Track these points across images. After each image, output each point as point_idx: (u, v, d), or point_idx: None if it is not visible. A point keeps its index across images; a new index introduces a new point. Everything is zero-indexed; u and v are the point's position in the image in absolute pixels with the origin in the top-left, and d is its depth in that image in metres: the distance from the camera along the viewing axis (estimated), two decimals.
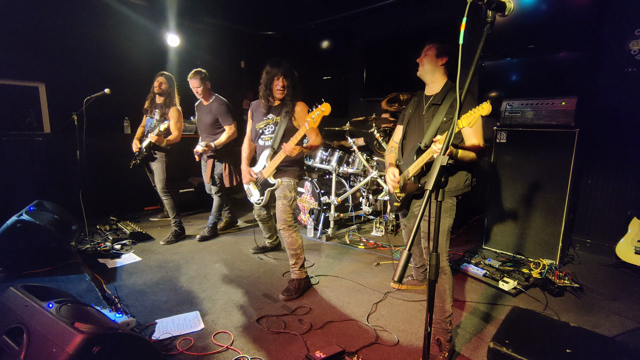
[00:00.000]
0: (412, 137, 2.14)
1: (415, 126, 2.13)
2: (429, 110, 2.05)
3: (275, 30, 6.36)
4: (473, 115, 1.59)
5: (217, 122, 3.59)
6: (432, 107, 2.04)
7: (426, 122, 2.04)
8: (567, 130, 3.06)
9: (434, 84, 2.08)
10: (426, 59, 2.04)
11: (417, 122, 2.13)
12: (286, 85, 2.56)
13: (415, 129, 2.13)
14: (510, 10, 1.26)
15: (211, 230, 3.91)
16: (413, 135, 2.14)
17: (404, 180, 2.07)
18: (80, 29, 4.36)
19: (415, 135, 2.12)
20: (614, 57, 3.32)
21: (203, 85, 3.50)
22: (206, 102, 3.62)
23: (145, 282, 2.84)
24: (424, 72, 2.07)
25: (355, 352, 1.99)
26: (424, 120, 2.07)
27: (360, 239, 3.90)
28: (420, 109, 2.13)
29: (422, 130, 2.06)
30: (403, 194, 2.14)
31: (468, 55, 1.04)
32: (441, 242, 1.99)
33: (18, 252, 2.68)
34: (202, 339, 2.10)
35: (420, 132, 2.06)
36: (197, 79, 3.46)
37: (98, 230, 3.97)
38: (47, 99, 4.34)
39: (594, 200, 3.52)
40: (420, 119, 2.10)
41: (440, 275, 1.96)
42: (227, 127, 3.55)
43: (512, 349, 1.37)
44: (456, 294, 2.68)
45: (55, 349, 1.33)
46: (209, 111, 3.57)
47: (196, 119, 3.81)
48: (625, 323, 2.35)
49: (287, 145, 2.44)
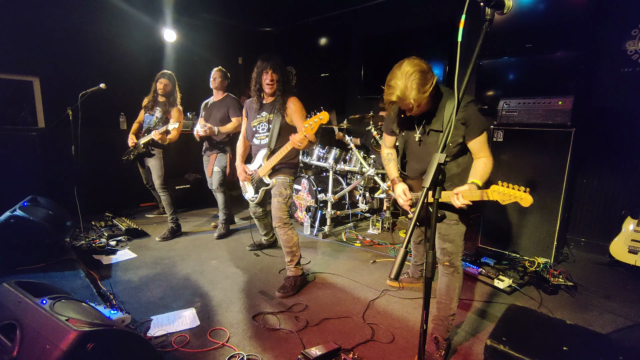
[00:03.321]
0: (415, 157, 1.96)
1: (417, 148, 1.92)
2: (431, 135, 1.83)
3: (273, 27, 6.33)
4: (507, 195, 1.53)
5: (226, 117, 3.65)
6: (431, 132, 1.82)
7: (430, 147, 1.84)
8: (563, 129, 3.07)
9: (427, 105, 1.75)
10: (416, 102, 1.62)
11: (416, 146, 1.91)
12: (275, 79, 2.53)
13: (418, 151, 1.93)
14: (509, 9, 1.25)
15: (226, 227, 3.89)
16: (416, 155, 1.95)
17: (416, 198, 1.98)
18: (75, 22, 4.31)
19: (418, 156, 1.93)
20: (610, 57, 3.34)
21: (221, 80, 3.66)
22: (217, 98, 3.72)
23: (140, 278, 2.83)
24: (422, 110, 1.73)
25: (351, 349, 1.99)
26: (426, 144, 1.86)
27: (356, 236, 3.91)
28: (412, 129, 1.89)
29: (427, 152, 1.85)
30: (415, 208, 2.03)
31: (466, 53, 1.04)
32: (459, 243, 1.92)
33: (11, 248, 2.66)
34: (198, 335, 2.10)
35: (426, 154, 1.86)
36: (220, 73, 3.67)
37: (93, 226, 3.94)
38: (42, 94, 4.29)
39: (589, 200, 3.55)
40: (424, 142, 1.87)
41: (453, 273, 1.95)
42: (235, 119, 3.61)
43: (510, 346, 1.38)
44: None
45: (48, 346, 1.32)
46: (222, 106, 3.66)
47: (203, 117, 3.75)
48: (619, 321, 2.37)
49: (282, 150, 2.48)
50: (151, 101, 3.74)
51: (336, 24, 5.75)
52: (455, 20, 1.09)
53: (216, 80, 3.64)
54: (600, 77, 3.42)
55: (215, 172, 3.72)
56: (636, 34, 3.19)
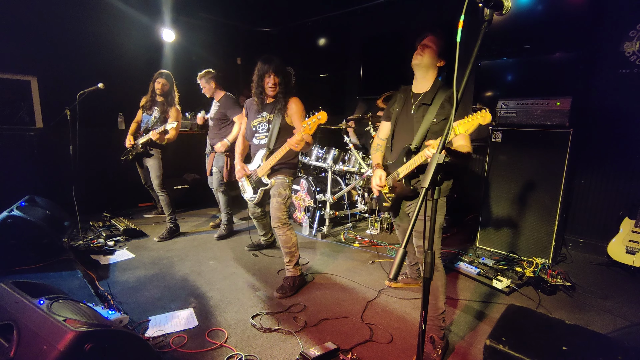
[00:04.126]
0: (401, 136, 2.08)
1: (404, 125, 2.06)
2: (419, 110, 1.99)
3: (272, 27, 6.32)
4: (471, 123, 1.56)
5: (224, 117, 3.64)
6: (421, 106, 1.98)
7: (416, 122, 1.98)
8: (561, 130, 3.08)
9: (424, 80, 2.01)
10: (428, 51, 1.94)
11: (405, 122, 2.06)
12: (277, 83, 2.54)
13: (404, 128, 2.06)
14: (507, 9, 1.25)
15: (227, 228, 3.86)
16: (402, 134, 2.07)
17: (393, 181, 2.05)
18: (73, 22, 4.30)
19: (404, 134, 2.06)
20: (608, 58, 3.35)
21: (208, 85, 3.61)
22: (216, 99, 3.70)
23: (138, 278, 2.82)
24: (421, 63, 1.96)
25: (350, 349, 1.99)
26: (413, 120, 2.00)
27: (355, 237, 3.91)
28: (408, 107, 2.06)
29: (411, 130, 2.00)
30: (392, 194, 2.11)
31: (465, 54, 1.04)
32: (436, 240, 1.99)
33: (9, 248, 2.64)
34: (196, 336, 2.09)
35: (410, 132, 2.01)
36: (202, 79, 3.62)
37: (91, 226, 3.92)
38: (40, 93, 4.27)
39: (587, 200, 3.56)
40: (409, 118, 2.03)
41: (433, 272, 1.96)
42: (236, 118, 3.57)
43: (509, 346, 1.38)
44: (450, 292, 2.69)
45: (46, 346, 1.31)
46: (219, 106, 3.66)
47: (208, 115, 3.87)
48: (616, 321, 2.38)
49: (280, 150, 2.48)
50: (149, 101, 3.73)
51: (335, 25, 5.75)
52: (454, 20, 1.09)
53: (205, 88, 3.64)
54: (598, 78, 3.43)
55: (215, 172, 3.72)
56: (634, 35, 3.20)
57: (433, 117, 1.91)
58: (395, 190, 2.07)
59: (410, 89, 2.09)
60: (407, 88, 2.11)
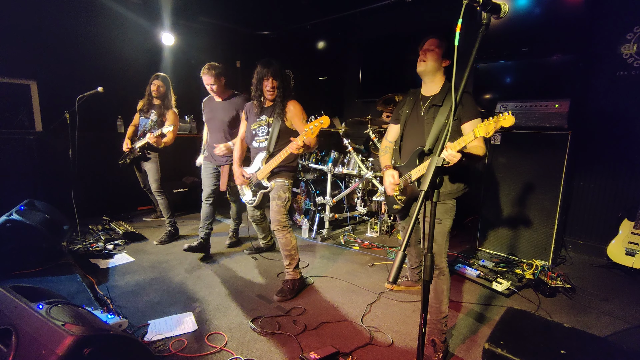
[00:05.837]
0: (411, 138, 2.08)
1: (414, 127, 2.06)
2: (429, 111, 1.98)
3: (271, 30, 6.34)
4: (493, 125, 1.54)
5: (238, 118, 3.14)
6: (432, 108, 1.97)
7: (426, 123, 1.97)
8: (560, 132, 3.09)
9: (433, 83, 2.02)
10: (431, 55, 1.94)
11: (416, 124, 2.05)
12: (276, 86, 2.55)
13: (414, 130, 2.05)
14: (505, 13, 1.26)
15: (236, 235, 3.80)
16: (412, 136, 2.07)
17: (404, 183, 2.03)
18: (73, 26, 4.31)
19: (414, 136, 2.05)
20: (606, 60, 3.37)
21: (218, 82, 3.09)
22: (221, 99, 3.23)
23: (138, 282, 2.81)
24: (427, 69, 1.96)
25: (350, 352, 1.98)
26: (423, 121, 1.99)
27: (355, 239, 3.90)
28: (417, 109, 2.05)
29: (422, 132, 1.99)
30: (404, 196, 2.10)
31: (463, 57, 1.05)
32: (441, 243, 1.97)
33: (8, 252, 2.63)
34: (196, 340, 2.09)
35: (420, 134, 2.00)
36: (210, 75, 3.04)
37: (90, 230, 3.92)
38: (39, 97, 4.27)
39: (586, 202, 3.56)
40: (420, 120, 2.02)
41: (439, 276, 1.96)
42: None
43: (507, 350, 1.38)
44: (450, 295, 2.67)
45: (44, 351, 1.31)
46: (230, 107, 3.19)
47: (205, 117, 3.36)
48: (616, 323, 2.37)
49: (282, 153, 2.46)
50: (146, 104, 3.72)
51: (334, 28, 5.78)
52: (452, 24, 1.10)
53: (215, 85, 3.09)
54: (597, 81, 3.45)
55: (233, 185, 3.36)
56: (631, 38, 3.22)
57: (444, 118, 1.89)
58: (407, 191, 2.06)
59: (420, 91, 2.10)
60: (417, 91, 2.12)
